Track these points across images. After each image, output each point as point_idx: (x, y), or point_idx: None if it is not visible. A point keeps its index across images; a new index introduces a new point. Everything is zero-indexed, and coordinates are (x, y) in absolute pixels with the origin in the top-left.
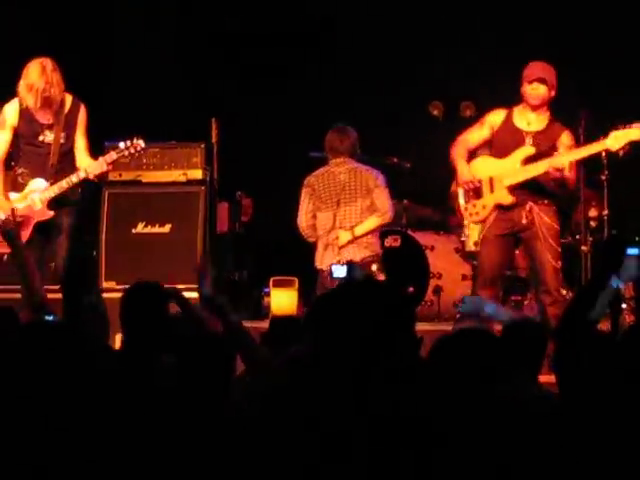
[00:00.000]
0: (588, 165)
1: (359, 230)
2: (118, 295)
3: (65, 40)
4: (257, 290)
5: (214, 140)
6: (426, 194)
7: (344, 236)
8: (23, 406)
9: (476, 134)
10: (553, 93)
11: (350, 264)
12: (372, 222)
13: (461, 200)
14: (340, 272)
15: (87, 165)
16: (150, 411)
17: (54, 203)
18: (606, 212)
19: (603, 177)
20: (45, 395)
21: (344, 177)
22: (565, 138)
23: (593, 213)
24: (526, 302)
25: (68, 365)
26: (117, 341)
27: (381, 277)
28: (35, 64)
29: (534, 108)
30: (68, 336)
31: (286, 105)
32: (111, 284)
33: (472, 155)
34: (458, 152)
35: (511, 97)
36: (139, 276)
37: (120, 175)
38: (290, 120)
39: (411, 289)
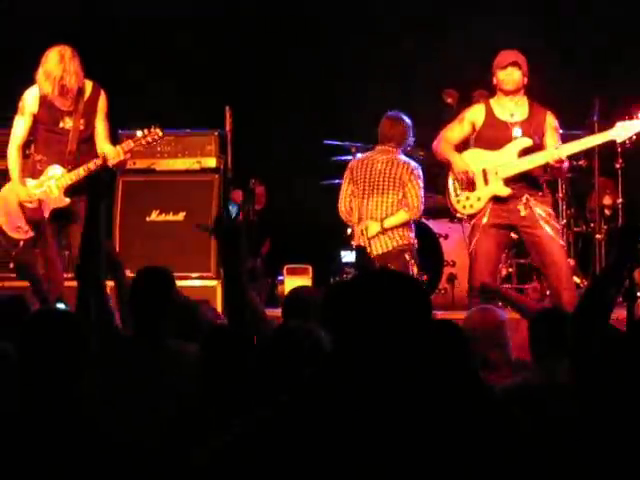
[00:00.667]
0: (602, 153)
1: (388, 223)
2: None
3: (81, 27)
4: (271, 278)
5: (228, 128)
6: (438, 182)
7: (373, 227)
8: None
9: (457, 131)
10: (526, 80)
11: (359, 249)
12: (401, 216)
13: (452, 192)
14: (348, 257)
15: (106, 152)
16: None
17: (71, 190)
18: (620, 200)
19: (617, 165)
20: (45, 378)
21: (381, 167)
22: (550, 120)
23: (607, 201)
24: (528, 288)
25: (69, 352)
26: None
27: (414, 267)
28: (53, 52)
29: (510, 94)
30: (72, 324)
31: (300, 92)
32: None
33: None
34: (444, 147)
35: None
36: (153, 264)
37: (134, 163)
38: (304, 107)
39: (425, 277)
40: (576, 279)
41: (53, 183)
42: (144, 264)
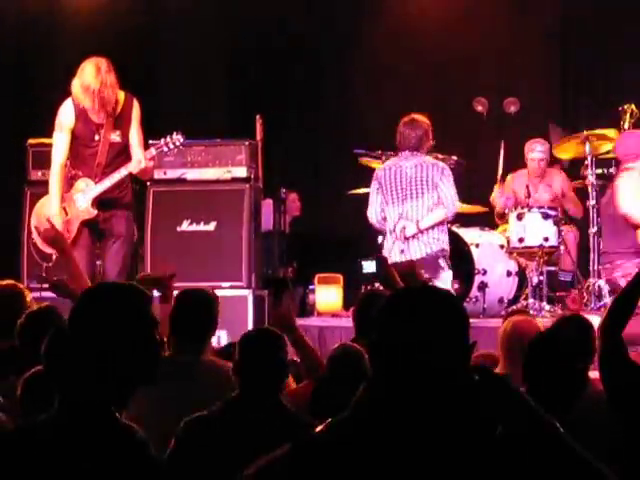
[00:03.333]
0: None
1: (424, 223)
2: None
3: (110, 37)
4: (302, 287)
5: (259, 137)
6: (471, 190)
7: (411, 227)
8: None
9: None
10: None
11: (379, 259)
12: (438, 214)
13: None
14: (369, 267)
15: (130, 163)
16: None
17: (106, 204)
18: None
19: None
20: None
21: (410, 172)
22: None
23: None
24: (570, 297)
25: None
26: None
27: (448, 272)
28: (90, 64)
29: None
30: None
31: (330, 101)
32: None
33: None
34: None
35: (554, 93)
36: (184, 274)
37: (165, 173)
38: (334, 116)
39: (456, 286)
40: (607, 287)
41: (81, 195)
42: (175, 274)
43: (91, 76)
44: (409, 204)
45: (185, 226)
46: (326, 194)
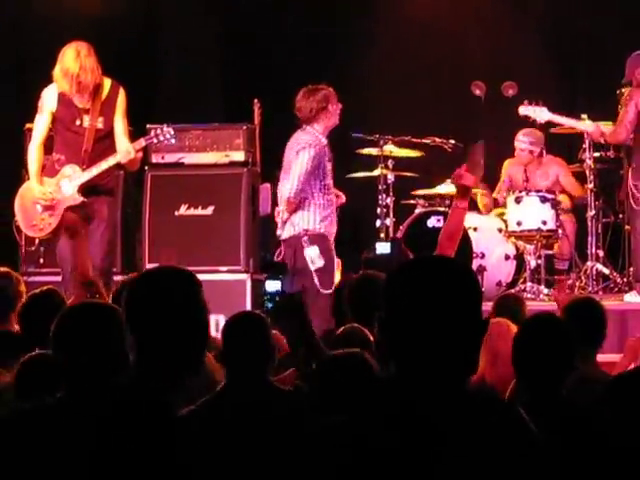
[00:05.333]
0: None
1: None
2: None
3: (108, 23)
4: None
5: (257, 121)
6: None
7: (282, 212)
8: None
9: None
10: None
11: (394, 241)
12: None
13: None
14: (383, 248)
15: (118, 151)
16: None
17: (89, 190)
18: None
19: None
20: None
21: (287, 150)
22: None
23: None
24: (570, 282)
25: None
26: None
27: (310, 249)
28: (70, 49)
29: None
30: (113, 315)
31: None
32: (155, 266)
33: None
34: None
35: (552, 78)
36: (182, 258)
37: (162, 157)
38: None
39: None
40: (605, 270)
41: (67, 182)
42: (174, 258)
43: (70, 60)
44: (280, 183)
45: (183, 210)
46: None
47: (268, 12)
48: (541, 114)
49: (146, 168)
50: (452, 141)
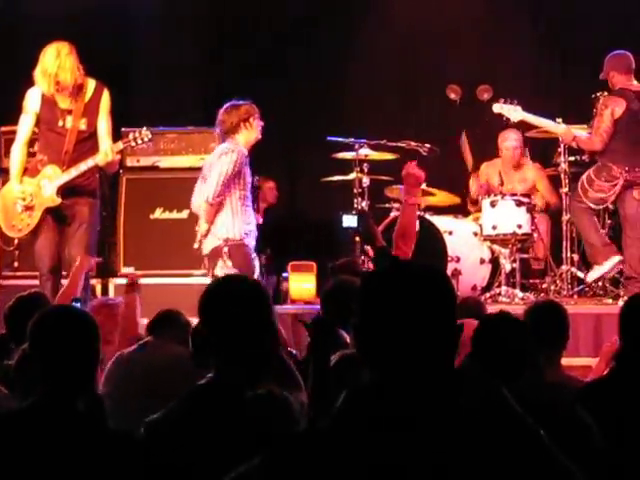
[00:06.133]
0: None
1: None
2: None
3: (88, 25)
4: (276, 274)
5: None
6: (444, 178)
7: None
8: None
9: None
10: None
11: (361, 214)
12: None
13: None
14: (350, 222)
15: (98, 153)
16: None
17: (69, 191)
18: None
19: None
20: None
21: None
22: None
23: None
24: (544, 285)
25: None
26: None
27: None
28: (50, 48)
29: None
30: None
31: (304, 91)
32: (129, 270)
33: None
34: None
35: (527, 80)
36: (157, 261)
37: (138, 161)
38: (308, 106)
39: None
40: (580, 274)
41: (47, 182)
42: (148, 261)
43: (50, 60)
44: (197, 194)
45: (158, 214)
46: (300, 182)
47: (248, 12)
48: (515, 113)
49: (121, 171)
50: (427, 145)
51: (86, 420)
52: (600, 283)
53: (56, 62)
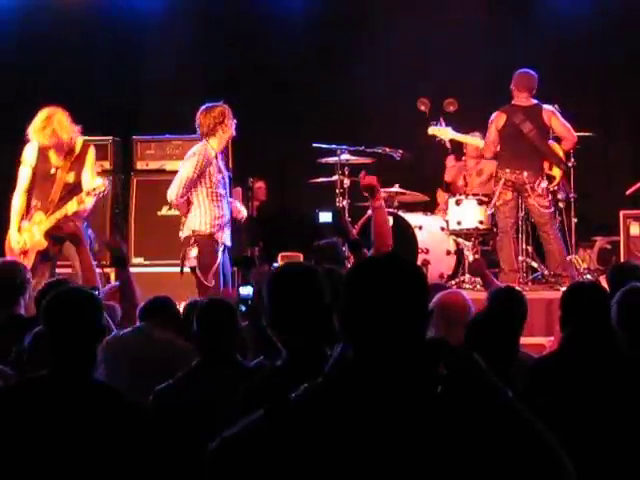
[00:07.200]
0: None
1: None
2: (146, 270)
3: (94, 40)
4: (268, 264)
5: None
6: (416, 180)
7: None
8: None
9: None
10: None
11: (335, 210)
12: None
13: None
14: (326, 218)
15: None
16: None
17: (54, 236)
18: (573, 194)
19: (570, 164)
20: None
21: None
22: None
23: (561, 195)
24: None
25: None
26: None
27: (194, 249)
28: (45, 112)
29: None
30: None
31: (293, 100)
32: (139, 260)
33: None
34: None
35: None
36: (163, 253)
37: (147, 164)
38: (296, 114)
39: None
40: (534, 263)
41: (36, 228)
42: (155, 253)
43: (45, 121)
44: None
45: (164, 211)
46: (289, 182)
47: (235, 21)
48: (446, 133)
49: (132, 174)
50: (400, 150)
51: (99, 389)
52: (552, 272)
53: (51, 125)
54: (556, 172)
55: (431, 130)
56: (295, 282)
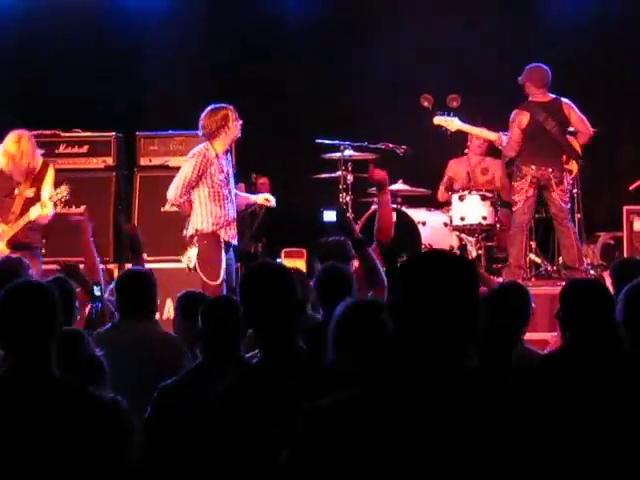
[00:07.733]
0: None
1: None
2: (149, 266)
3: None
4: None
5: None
6: (418, 175)
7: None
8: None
9: None
10: None
11: (339, 209)
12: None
13: None
14: (330, 217)
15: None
16: None
17: (15, 245)
18: (576, 190)
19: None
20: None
21: None
22: None
23: None
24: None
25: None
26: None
27: (193, 249)
28: (12, 136)
29: None
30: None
31: (296, 96)
32: (143, 256)
33: None
34: None
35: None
36: (166, 248)
37: (150, 161)
38: (300, 110)
39: (405, 258)
40: (537, 259)
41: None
42: (159, 248)
43: (11, 145)
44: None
45: (167, 207)
46: (292, 178)
47: (238, 20)
48: (452, 123)
49: (135, 170)
50: (403, 146)
51: (60, 385)
52: (555, 267)
53: (16, 147)
54: (574, 166)
55: (437, 120)
56: (266, 280)
